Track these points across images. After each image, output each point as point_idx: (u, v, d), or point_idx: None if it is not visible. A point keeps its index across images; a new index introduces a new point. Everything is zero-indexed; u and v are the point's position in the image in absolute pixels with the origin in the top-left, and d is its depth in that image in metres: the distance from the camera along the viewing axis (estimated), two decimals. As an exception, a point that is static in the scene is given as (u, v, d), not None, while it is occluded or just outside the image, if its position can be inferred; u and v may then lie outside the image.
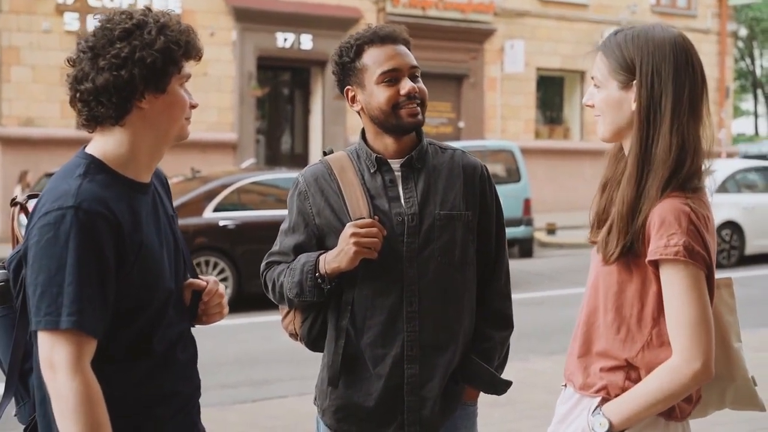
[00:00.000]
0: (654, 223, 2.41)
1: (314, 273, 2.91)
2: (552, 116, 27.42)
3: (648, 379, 2.44)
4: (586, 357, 2.59)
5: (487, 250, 3.09)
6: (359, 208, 2.92)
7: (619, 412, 2.45)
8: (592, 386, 2.55)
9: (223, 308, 2.65)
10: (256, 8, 21.56)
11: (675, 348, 2.40)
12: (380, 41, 2.96)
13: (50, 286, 2.21)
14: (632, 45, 2.49)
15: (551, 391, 7.25)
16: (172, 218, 2.59)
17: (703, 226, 2.40)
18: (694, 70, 2.48)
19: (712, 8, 28.59)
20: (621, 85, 2.51)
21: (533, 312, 10.88)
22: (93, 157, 2.38)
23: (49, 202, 2.27)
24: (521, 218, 16.09)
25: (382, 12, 22.97)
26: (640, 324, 2.48)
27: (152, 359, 2.43)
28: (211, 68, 20.84)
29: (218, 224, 12.01)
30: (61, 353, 2.21)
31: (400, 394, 2.97)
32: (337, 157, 3.07)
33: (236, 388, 8.00)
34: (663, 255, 2.37)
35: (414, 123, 2.96)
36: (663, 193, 2.42)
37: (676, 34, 2.50)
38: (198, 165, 15.52)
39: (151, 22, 2.38)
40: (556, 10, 25.91)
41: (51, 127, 18.47)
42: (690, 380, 2.38)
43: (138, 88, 2.33)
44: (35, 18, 19.29)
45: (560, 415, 2.68)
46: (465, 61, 24.29)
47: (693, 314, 2.37)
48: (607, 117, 2.57)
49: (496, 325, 3.11)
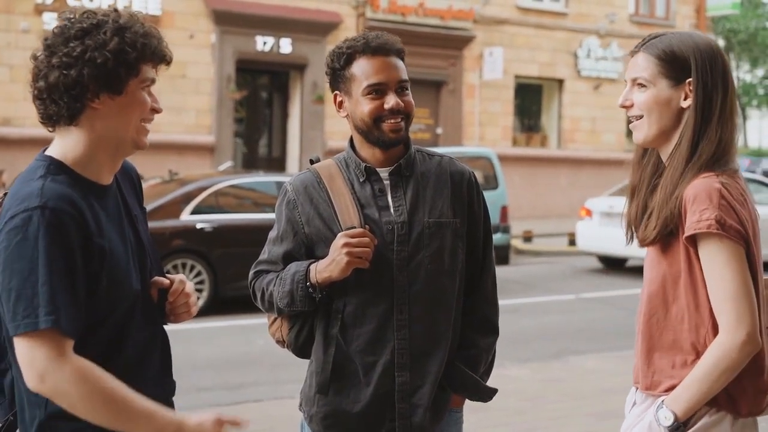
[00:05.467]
0: (688, 200, 2.49)
1: (305, 282, 2.90)
2: (530, 124, 27.50)
3: (701, 361, 2.49)
4: (650, 354, 2.64)
5: (475, 257, 3.10)
6: (350, 217, 2.92)
7: (679, 401, 2.50)
8: (659, 384, 2.61)
9: (190, 307, 2.61)
10: (236, 11, 21.52)
11: (720, 323, 2.46)
12: (371, 52, 2.93)
13: (25, 289, 2.18)
14: (684, 46, 2.61)
15: (526, 398, 7.31)
16: (135, 217, 2.55)
17: (737, 201, 2.48)
18: (730, 75, 2.64)
19: (690, 19, 28.79)
20: (672, 83, 2.61)
21: (509, 319, 10.90)
22: (52, 158, 2.36)
23: (15, 205, 2.25)
24: (498, 225, 16.11)
25: (362, 17, 22.99)
26: (698, 309, 2.53)
27: (121, 363, 2.39)
28: (190, 70, 20.80)
29: (195, 227, 11.97)
30: (40, 355, 2.18)
31: (389, 401, 2.97)
32: (325, 165, 3.06)
33: (212, 392, 7.98)
34: (696, 229, 2.44)
35: (396, 138, 2.95)
36: (697, 175, 2.52)
37: (711, 40, 2.67)
38: (175, 167, 15.47)
39: (109, 22, 2.35)
40: (535, 18, 26.01)
41: (28, 127, 18.34)
42: (738, 353, 2.43)
43: (88, 87, 2.31)
44: (14, 17, 19.19)
45: (631, 418, 2.72)
46: (444, 67, 24.33)
47: (733, 287, 2.43)
48: (654, 116, 2.64)
49: (482, 331, 3.11)
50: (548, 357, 9.11)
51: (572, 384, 7.87)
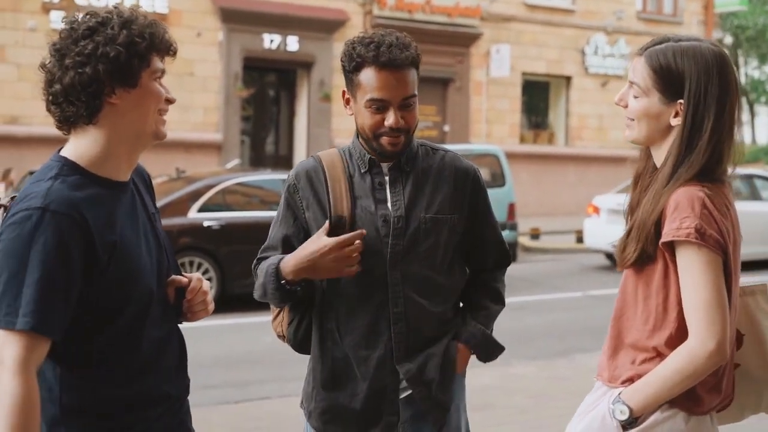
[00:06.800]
0: (669, 207, 2.47)
1: (276, 276, 2.93)
2: (537, 121, 27.47)
3: (664, 363, 2.48)
4: (615, 351, 2.64)
5: (482, 251, 3.15)
6: (342, 206, 2.95)
7: (637, 397, 2.49)
8: (618, 377, 2.60)
9: (207, 305, 2.64)
10: (243, 9, 21.53)
11: (690, 330, 2.44)
12: (380, 66, 2.88)
13: (10, 286, 2.21)
14: (681, 62, 2.53)
15: (532, 396, 7.30)
16: (153, 216, 2.58)
17: (720, 212, 2.46)
18: (734, 90, 2.55)
19: (698, 16, 28.72)
20: (663, 100, 2.55)
21: (515, 316, 10.89)
22: (66, 159, 2.38)
23: (20, 201, 2.28)
24: (505, 223, 16.09)
25: (368, 15, 22.97)
26: (666, 311, 2.53)
27: (137, 360, 2.42)
28: (197, 68, 20.82)
29: (203, 225, 11.99)
30: (9, 352, 2.18)
31: (386, 395, 2.99)
32: (328, 153, 3.10)
33: (219, 389, 7.99)
34: (675, 237, 2.43)
35: (394, 152, 2.96)
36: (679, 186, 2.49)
37: (719, 54, 2.56)
38: (183, 165, 15.48)
39: (114, 18, 2.37)
40: (543, 15, 25.97)
41: (36, 126, 18.37)
42: (705, 361, 2.42)
43: (105, 83, 2.32)
44: (21, 16, 19.21)
45: (585, 405, 2.71)
46: (451, 64, 24.30)
47: (707, 296, 2.42)
48: (643, 125, 2.61)
49: (492, 299, 3.17)
50: (554, 355, 9.11)
51: (578, 382, 7.83)
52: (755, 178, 17.71)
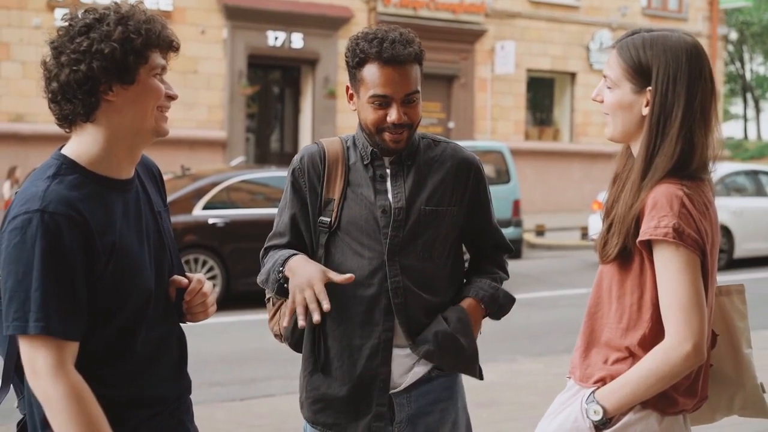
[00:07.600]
0: (647, 205, 2.44)
1: (280, 270, 2.94)
2: (542, 118, 27.45)
3: (640, 363, 2.45)
4: (588, 349, 2.62)
5: (482, 240, 3.16)
6: (333, 189, 2.99)
7: (612, 397, 2.47)
8: (590, 377, 2.57)
9: (207, 307, 2.61)
10: (248, 6, 21.53)
11: (667, 330, 2.41)
12: (383, 62, 2.88)
13: (18, 292, 2.20)
14: (650, 51, 2.51)
15: (538, 393, 7.29)
16: (159, 214, 2.56)
17: (699, 211, 2.42)
18: (706, 79, 2.52)
19: (703, 11, 28.67)
20: (634, 89, 2.53)
21: (521, 313, 10.87)
22: (65, 157, 2.36)
23: (18, 205, 2.26)
24: (510, 219, 16.10)
25: (373, 12, 22.97)
26: (640, 311, 2.49)
27: (134, 361, 2.40)
28: (202, 66, 20.83)
29: (207, 222, 11.99)
30: (40, 358, 2.19)
31: (377, 385, 2.99)
32: (331, 140, 3.12)
33: (224, 387, 8.00)
34: (652, 236, 2.40)
35: (396, 148, 2.96)
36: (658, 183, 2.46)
37: (691, 43, 2.53)
38: (187, 162, 15.48)
39: (111, 14, 2.34)
40: (547, 11, 25.94)
41: (41, 123, 18.39)
42: (681, 362, 2.38)
43: (100, 80, 2.30)
44: (26, 14, 19.24)
45: (556, 404, 2.69)
46: (455, 61, 24.29)
47: (684, 296, 2.38)
48: (617, 118, 2.59)
49: (498, 267, 3.18)
50: (560, 351, 9.09)
51: (585, 378, 7.84)
52: (760, 174, 17.69)
